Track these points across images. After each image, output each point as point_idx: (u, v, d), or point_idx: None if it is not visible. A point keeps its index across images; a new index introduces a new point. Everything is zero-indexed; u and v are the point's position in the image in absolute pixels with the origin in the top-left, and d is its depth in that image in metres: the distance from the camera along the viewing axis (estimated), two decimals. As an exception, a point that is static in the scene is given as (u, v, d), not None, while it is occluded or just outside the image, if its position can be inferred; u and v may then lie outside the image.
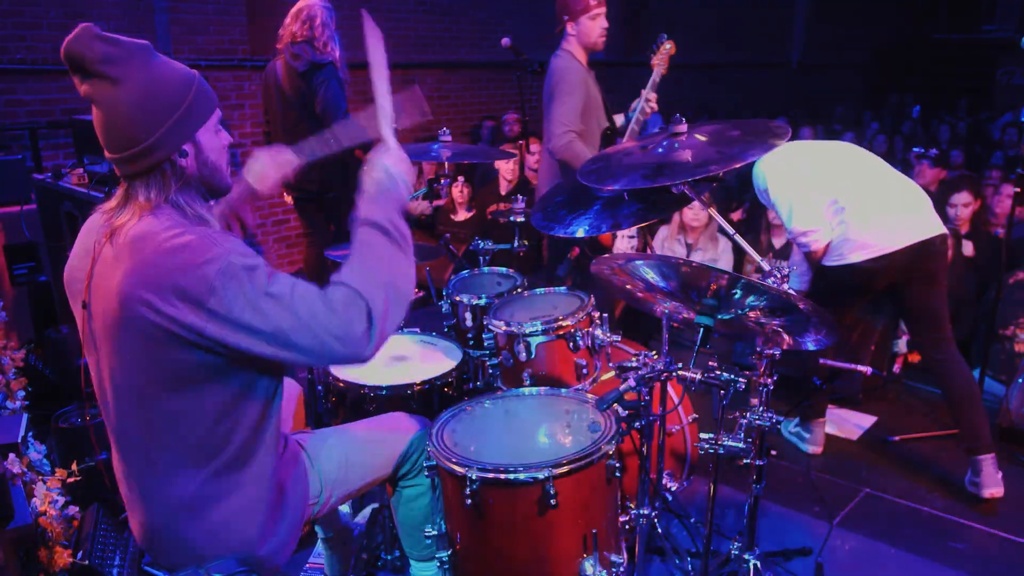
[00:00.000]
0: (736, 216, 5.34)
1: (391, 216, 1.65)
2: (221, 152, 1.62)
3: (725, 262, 4.68)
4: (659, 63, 3.69)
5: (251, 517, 1.67)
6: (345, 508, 2.65)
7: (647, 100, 3.65)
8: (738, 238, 2.18)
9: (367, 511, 2.58)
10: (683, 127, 2.16)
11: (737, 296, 1.92)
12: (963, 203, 4.50)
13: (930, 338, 3.12)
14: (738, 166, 1.99)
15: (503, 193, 5.80)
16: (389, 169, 1.71)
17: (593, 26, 3.55)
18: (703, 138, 2.13)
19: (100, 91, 1.49)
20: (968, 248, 4.48)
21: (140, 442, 1.60)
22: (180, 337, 1.45)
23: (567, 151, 3.43)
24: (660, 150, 2.15)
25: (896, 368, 4.35)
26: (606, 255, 2.07)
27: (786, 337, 2.00)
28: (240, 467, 1.64)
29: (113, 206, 1.58)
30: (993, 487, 3.06)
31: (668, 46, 3.69)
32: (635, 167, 2.13)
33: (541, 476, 1.73)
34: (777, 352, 2.04)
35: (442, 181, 3.05)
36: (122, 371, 1.54)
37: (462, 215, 5.76)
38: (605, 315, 2.42)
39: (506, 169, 5.76)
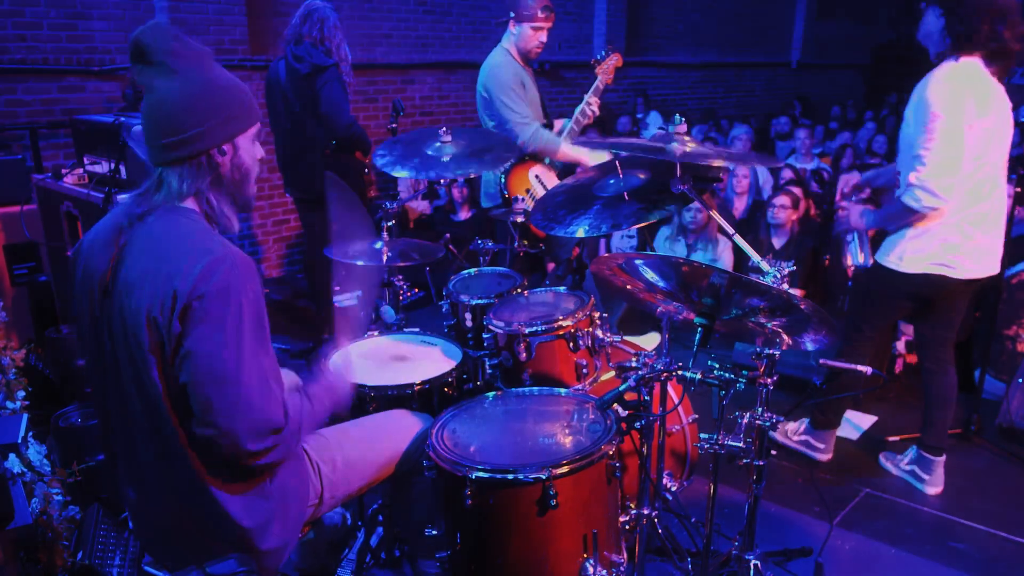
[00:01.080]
0: (736, 216, 5.34)
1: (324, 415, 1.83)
2: (254, 163, 1.70)
3: (725, 262, 4.69)
4: (603, 72, 3.91)
5: (251, 516, 1.68)
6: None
7: (588, 104, 3.85)
8: (738, 238, 2.18)
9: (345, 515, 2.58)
10: (683, 127, 2.16)
11: (737, 296, 1.92)
12: None
13: (935, 346, 3.13)
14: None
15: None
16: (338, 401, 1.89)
17: (533, 36, 3.73)
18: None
19: (158, 80, 1.56)
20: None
21: (144, 424, 1.61)
22: (160, 333, 1.50)
23: (536, 141, 3.66)
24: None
25: (896, 368, 4.35)
26: (605, 255, 2.07)
27: (786, 337, 2.00)
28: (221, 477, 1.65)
29: (144, 191, 1.63)
30: (939, 486, 3.19)
31: (614, 58, 3.92)
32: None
33: (541, 476, 1.73)
34: (777, 352, 2.04)
35: (442, 181, 3.05)
36: (139, 362, 1.56)
37: (462, 215, 5.76)
38: (605, 315, 2.42)
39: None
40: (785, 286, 1.87)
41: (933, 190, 2.70)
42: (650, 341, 3.84)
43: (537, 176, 3.85)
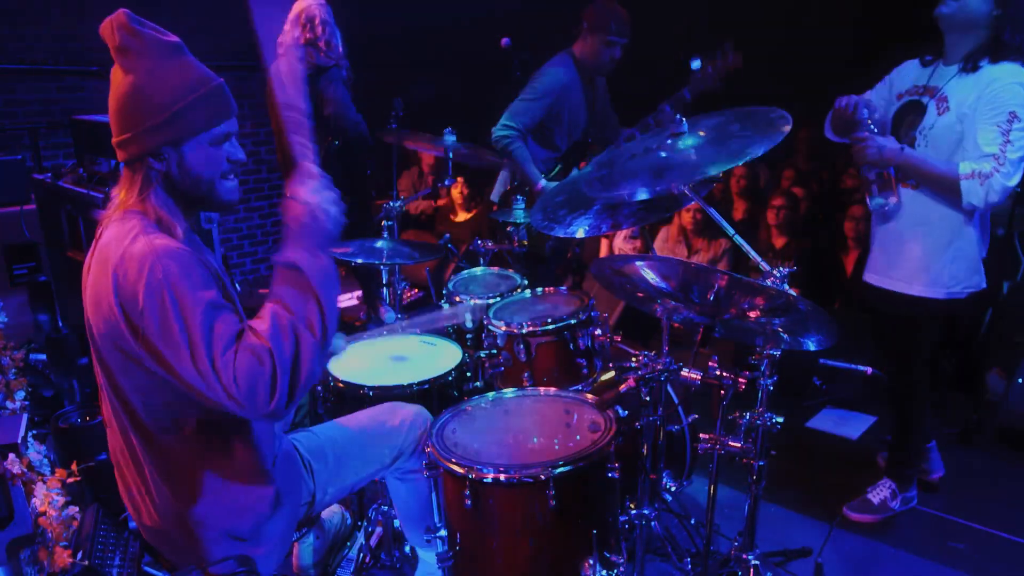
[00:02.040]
0: (736, 216, 5.34)
1: (312, 252, 1.51)
2: (212, 166, 1.59)
3: (725, 263, 4.69)
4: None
5: (248, 518, 1.68)
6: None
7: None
8: (738, 238, 2.18)
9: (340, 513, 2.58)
10: (683, 127, 2.16)
11: (737, 297, 1.92)
12: None
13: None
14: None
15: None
16: (311, 203, 1.56)
17: (603, 51, 3.51)
18: (703, 133, 2.12)
19: (114, 75, 1.54)
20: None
21: (134, 433, 1.62)
22: (126, 350, 1.49)
23: (514, 149, 3.46)
24: (663, 154, 2.14)
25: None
26: (605, 256, 2.07)
27: (785, 338, 1.99)
28: (234, 469, 1.67)
29: (115, 188, 1.63)
30: (940, 471, 3.15)
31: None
32: (637, 172, 2.12)
33: (541, 476, 1.73)
34: (777, 352, 2.03)
35: (445, 181, 3.05)
36: (111, 375, 1.58)
37: (462, 215, 5.76)
38: (605, 315, 2.42)
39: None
40: (785, 286, 1.87)
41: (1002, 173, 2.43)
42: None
43: None
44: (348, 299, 5.52)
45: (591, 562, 1.81)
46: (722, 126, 2.14)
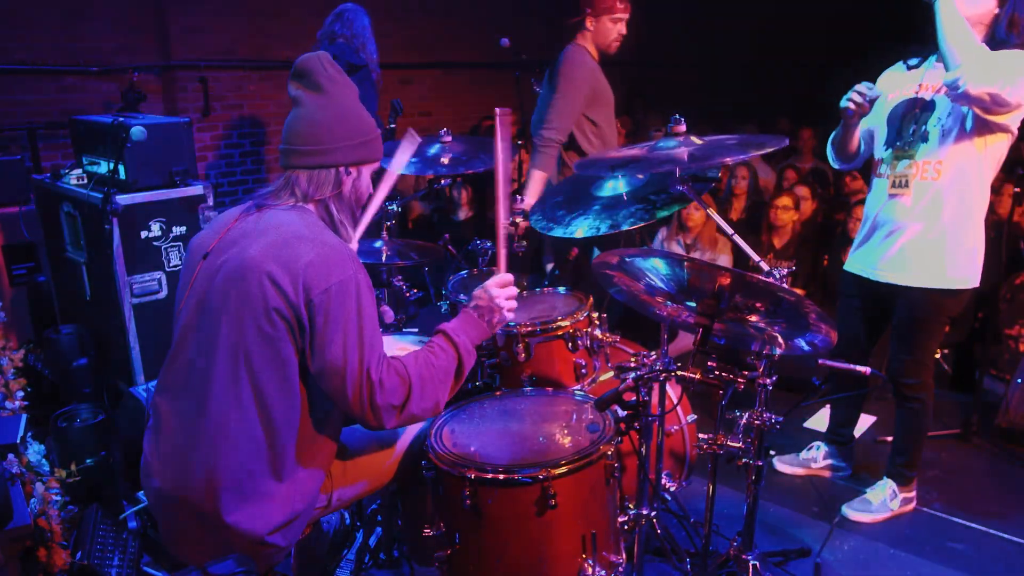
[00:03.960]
0: (735, 216, 5.34)
1: (469, 344, 1.85)
2: (368, 193, 1.89)
3: (724, 263, 4.69)
4: None
5: (263, 522, 1.69)
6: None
7: None
8: (737, 238, 2.18)
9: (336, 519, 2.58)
10: (682, 127, 2.16)
11: (737, 297, 1.92)
12: None
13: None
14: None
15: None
16: (494, 300, 1.90)
17: (612, 29, 3.55)
18: (699, 141, 2.13)
19: (312, 96, 1.76)
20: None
21: (216, 393, 1.66)
22: (284, 319, 1.62)
23: (540, 154, 3.46)
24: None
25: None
26: (606, 254, 2.07)
27: (782, 341, 1.99)
28: (287, 465, 1.70)
29: (271, 190, 1.80)
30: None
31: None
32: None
33: (540, 476, 1.73)
34: (776, 352, 2.04)
35: (442, 182, 3.05)
36: (226, 326, 1.65)
37: (462, 215, 5.76)
38: (605, 315, 2.42)
39: (512, 168, 5.76)
40: (785, 285, 1.87)
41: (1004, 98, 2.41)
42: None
43: None
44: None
45: (590, 562, 1.81)
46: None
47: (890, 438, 3.60)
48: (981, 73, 2.37)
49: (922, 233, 2.69)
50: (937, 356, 4.23)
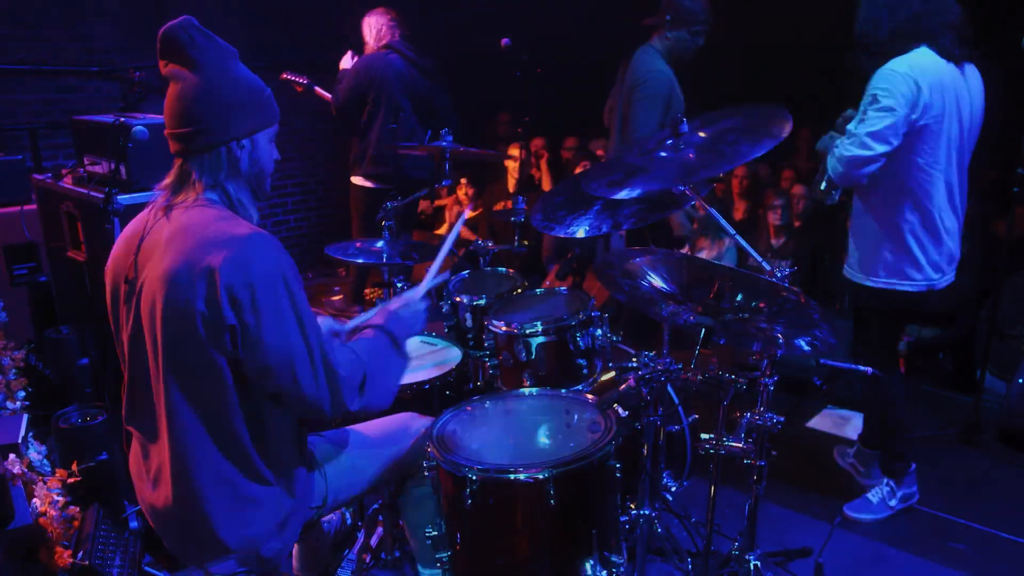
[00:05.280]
0: (737, 216, 5.34)
1: (403, 337, 1.88)
2: (270, 162, 1.76)
3: (727, 263, 4.69)
4: None
5: (251, 526, 1.68)
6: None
7: None
8: (739, 238, 2.18)
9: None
10: (685, 127, 2.16)
11: (739, 297, 1.92)
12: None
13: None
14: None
15: (511, 191, 5.81)
16: (416, 309, 1.98)
17: (691, 42, 3.50)
18: (703, 134, 2.13)
19: (182, 72, 1.62)
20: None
21: (169, 415, 1.62)
22: (213, 325, 1.53)
23: None
24: (664, 153, 2.15)
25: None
26: (607, 254, 2.07)
27: (783, 342, 1.99)
28: (261, 469, 1.68)
29: (168, 183, 1.70)
30: (875, 479, 3.14)
31: None
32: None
33: (541, 476, 1.73)
34: (778, 353, 2.03)
35: (443, 182, 3.05)
36: (160, 348, 1.59)
37: (467, 214, 5.78)
38: (606, 315, 2.42)
39: (514, 168, 5.77)
40: (786, 283, 1.87)
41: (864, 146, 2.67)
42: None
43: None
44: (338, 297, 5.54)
45: (591, 562, 1.81)
46: (721, 132, 2.14)
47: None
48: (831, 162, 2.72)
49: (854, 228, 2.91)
50: (939, 356, 4.24)
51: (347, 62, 4.58)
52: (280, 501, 1.72)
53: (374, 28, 4.47)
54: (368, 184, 4.55)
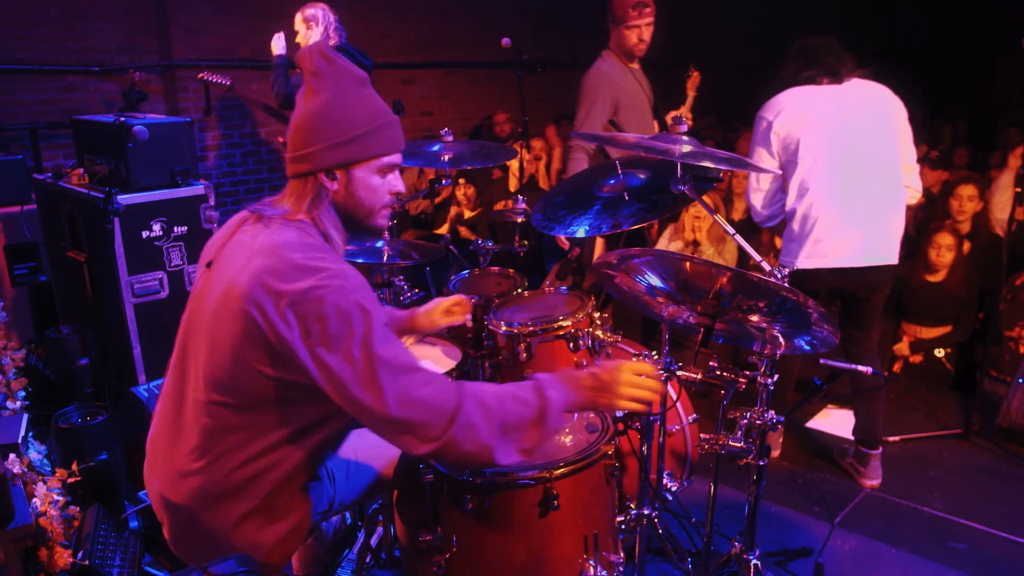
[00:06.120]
0: (737, 216, 5.34)
1: (560, 401, 1.58)
2: (376, 194, 1.66)
3: (726, 262, 4.68)
4: (691, 87, 4.44)
5: (269, 528, 1.68)
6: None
7: (686, 116, 4.12)
8: (739, 238, 2.18)
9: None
10: (684, 127, 2.16)
11: (739, 297, 1.92)
12: (968, 196, 4.51)
13: (853, 333, 3.18)
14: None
15: (512, 190, 5.81)
16: (618, 385, 1.65)
17: (629, 35, 3.76)
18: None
19: (303, 96, 1.63)
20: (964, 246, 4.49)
21: (196, 419, 1.62)
22: (273, 346, 1.50)
23: (569, 160, 3.71)
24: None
25: (896, 368, 4.35)
26: (606, 254, 2.07)
27: (783, 342, 1.99)
28: (278, 489, 1.67)
29: (276, 198, 1.69)
30: (875, 479, 3.25)
31: (695, 75, 4.46)
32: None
33: (540, 477, 1.73)
34: (777, 352, 2.03)
35: (443, 181, 3.05)
36: (211, 348, 1.58)
37: (466, 214, 5.77)
38: (606, 315, 2.42)
39: (515, 167, 5.77)
40: (787, 284, 1.87)
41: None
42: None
43: None
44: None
45: (591, 562, 1.81)
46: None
47: (893, 438, 3.62)
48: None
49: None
50: (940, 356, 4.25)
51: (278, 46, 4.47)
52: (272, 524, 1.71)
53: (322, 23, 4.30)
54: None
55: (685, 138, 2.03)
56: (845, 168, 2.93)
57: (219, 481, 1.62)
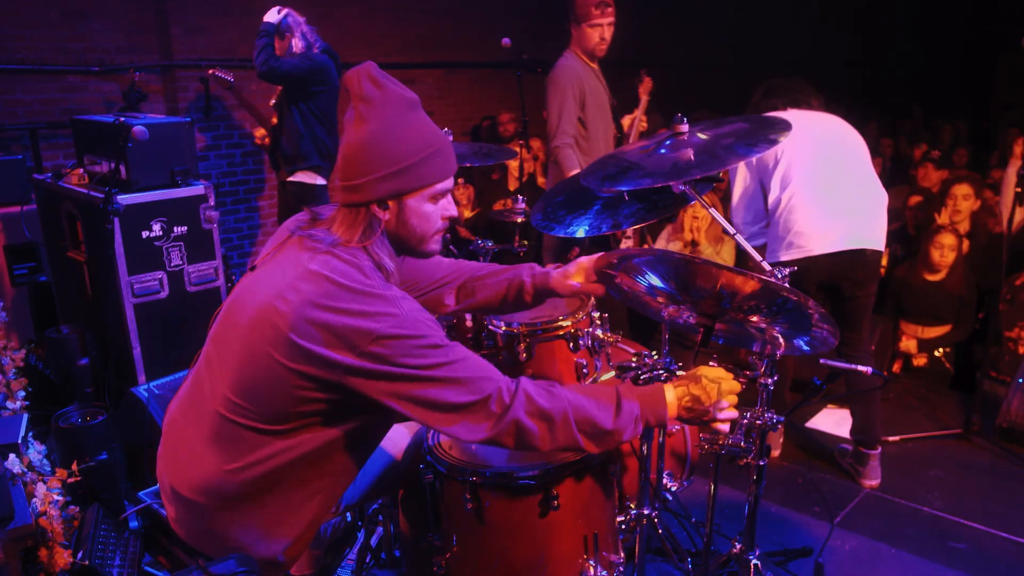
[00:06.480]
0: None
1: (635, 412, 1.62)
2: (428, 221, 1.64)
3: (726, 262, 4.68)
4: (644, 91, 4.50)
5: (284, 532, 1.68)
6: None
7: (640, 120, 4.27)
8: (739, 238, 2.18)
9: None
10: (684, 127, 2.16)
11: (739, 297, 1.91)
12: (963, 195, 4.52)
13: (845, 335, 3.17)
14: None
15: (512, 190, 5.81)
16: (715, 401, 1.70)
17: (591, 34, 3.79)
18: (704, 136, 2.13)
19: (352, 122, 1.58)
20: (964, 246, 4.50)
21: (217, 422, 1.61)
22: (320, 376, 1.50)
23: (558, 154, 3.73)
24: (663, 151, 2.15)
25: (896, 368, 4.35)
26: (605, 253, 2.07)
27: (782, 342, 1.99)
28: (291, 498, 1.66)
29: (327, 218, 1.66)
30: (874, 479, 3.26)
31: (647, 80, 4.56)
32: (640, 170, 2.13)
33: (541, 478, 1.73)
34: (777, 352, 2.03)
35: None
36: (243, 360, 1.56)
37: (466, 214, 5.77)
38: (606, 315, 2.42)
39: (515, 167, 5.78)
40: (787, 283, 1.87)
41: None
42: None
43: None
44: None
45: (592, 563, 1.81)
46: (719, 135, 2.15)
47: (893, 438, 3.63)
48: None
49: None
50: (939, 355, 4.25)
51: (273, 15, 4.41)
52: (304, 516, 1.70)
53: (295, 30, 4.34)
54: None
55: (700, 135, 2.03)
56: (826, 167, 3.05)
57: (234, 486, 1.61)
